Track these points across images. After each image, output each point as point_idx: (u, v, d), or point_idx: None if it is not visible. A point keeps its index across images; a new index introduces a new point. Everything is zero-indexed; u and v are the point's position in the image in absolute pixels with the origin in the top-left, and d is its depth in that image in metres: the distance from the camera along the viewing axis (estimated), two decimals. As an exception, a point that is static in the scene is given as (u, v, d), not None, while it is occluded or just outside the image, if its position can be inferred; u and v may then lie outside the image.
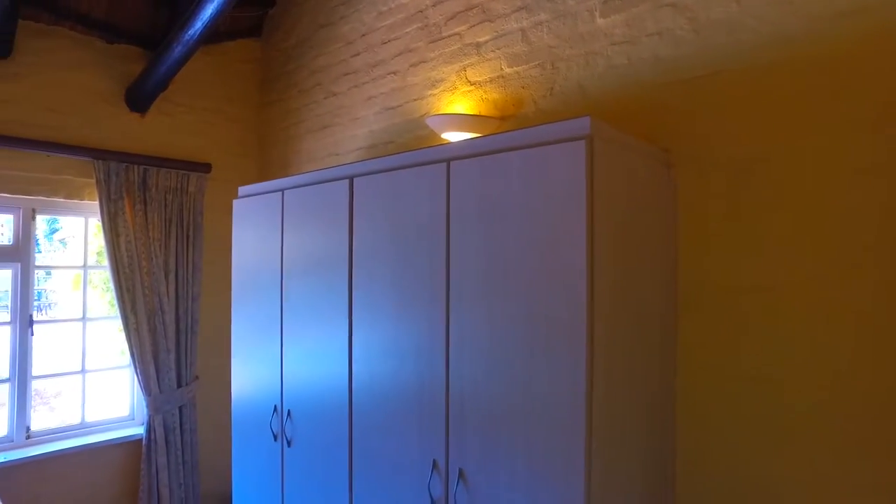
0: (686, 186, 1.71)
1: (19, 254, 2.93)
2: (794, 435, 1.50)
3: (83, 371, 3.19)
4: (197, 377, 3.32)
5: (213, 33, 2.76)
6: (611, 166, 1.41)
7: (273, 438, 2.31)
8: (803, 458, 1.48)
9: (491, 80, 2.30)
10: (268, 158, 3.58)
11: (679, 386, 1.70)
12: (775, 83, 1.55)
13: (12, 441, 2.88)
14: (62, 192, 2.96)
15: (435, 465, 1.65)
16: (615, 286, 1.43)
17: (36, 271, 3.04)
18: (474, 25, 2.37)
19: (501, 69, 2.26)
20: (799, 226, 1.50)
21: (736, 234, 1.61)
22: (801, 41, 1.51)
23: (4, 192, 2.80)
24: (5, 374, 2.92)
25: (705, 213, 1.67)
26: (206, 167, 3.33)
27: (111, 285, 3.03)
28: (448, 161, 1.63)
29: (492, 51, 2.30)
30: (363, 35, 2.89)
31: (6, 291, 2.90)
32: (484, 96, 2.32)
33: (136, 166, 3.07)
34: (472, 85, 2.37)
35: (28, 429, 2.93)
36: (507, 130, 1.58)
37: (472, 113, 2.29)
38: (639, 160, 1.59)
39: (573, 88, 2.03)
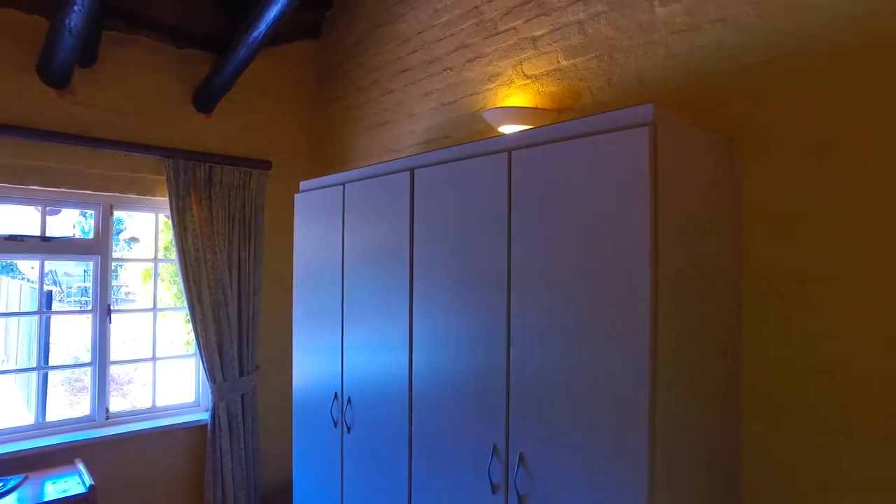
0: (751, 175, 1.68)
1: (99, 247, 3.13)
2: (863, 431, 1.45)
3: (154, 358, 3.37)
4: (258, 367, 3.45)
5: (274, 36, 2.87)
6: (674, 153, 1.41)
7: (333, 425, 2.39)
8: (871, 455, 1.44)
9: (547, 74, 2.31)
10: (325, 155, 3.69)
11: (744, 377, 1.67)
12: (849, 65, 1.51)
13: (94, 420, 3.08)
14: (136, 189, 3.14)
15: (495, 450, 1.68)
16: (679, 273, 1.42)
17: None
18: (530, 19, 2.39)
19: (558, 62, 2.27)
20: (870, 213, 1.46)
21: (803, 222, 1.57)
22: (881, 15, 1.46)
23: (87, 189, 2.99)
24: (87, 359, 3.13)
25: (771, 202, 1.64)
26: (266, 164, 3.46)
27: (179, 278, 3.20)
28: (509, 151, 1.66)
29: (548, 44, 2.31)
30: (419, 33, 2.95)
31: (77, 284, 3.10)
32: (540, 89, 2.33)
33: (202, 164, 3.23)
34: (528, 79, 2.39)
35: (107, 410, 3.13)
36: (567, 120, 1.60)
37: (528, 106, 2.31)
38: (702, 148, 1.58)
39: (631, 79, 2.02)
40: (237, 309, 3.33)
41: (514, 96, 2.42)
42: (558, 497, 1.50)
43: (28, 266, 7.68)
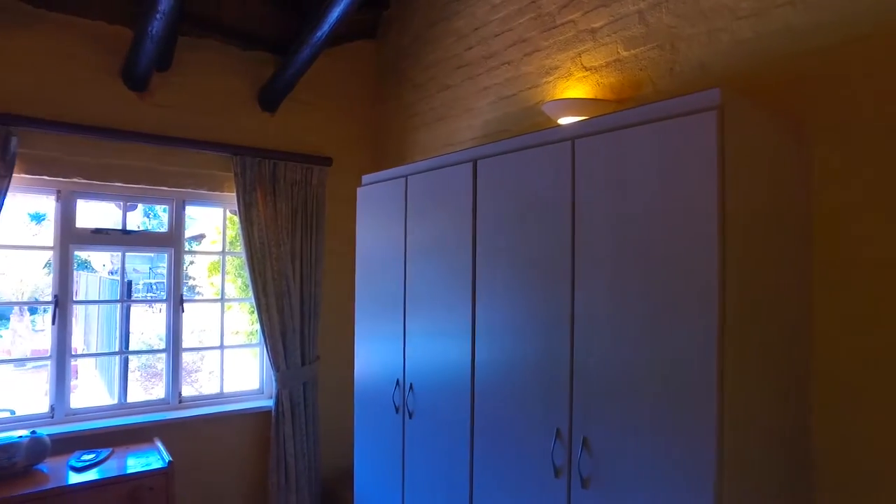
0: (824, 159, 1.65)
1: (173, 240, 3.31)
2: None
3: (221, 346, 3.54)
4: (318, 357, 3.58)
5: (335, 36, 2.98)
6: (742, 138, 1.41)
7: (395, 411, 2.46)
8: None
9: (607, 65, 2.32)
10: (384, 151, 3.79)
11: (816, 364, 1.65)
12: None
13: (168, 403, 3.27)
14: (206, 184, 3.31)
15: (558, 433, 1.71)
16: (746, 258, 1.42)
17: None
18: (589, 12, 2.40)
19: (618, 53, 2.27)
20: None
21: (880, 206, 1.54)
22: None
23: (163, 186, 3.18)
24: (162, 345, 3.32)
25: (845, 186, 1.60)
26: (327, 161, 3.59)
27: (245, 269, 3.35)
28: (573, 139, 1.69)
29: (607, 35, 2.32)
30: (476, 29, 3.00)
31: (143, 280, 3.30)
32: (600, 81, 2.34)
33: (267, 161, 3.37)
34: (587, 70, 2.40)
35: (180, 394, 3.32)
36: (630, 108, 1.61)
37: (588, 97, 2.33)
38: (771, 133, 1.57)
39: (694, 67, 2.01)
40: (300, 300, 3.46)
41: (573, 88, 2.43)
42: (623, 480, 1.52)
43: (100, 264, 8.17)
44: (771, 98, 1.76)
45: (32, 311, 7.46)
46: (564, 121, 2.29)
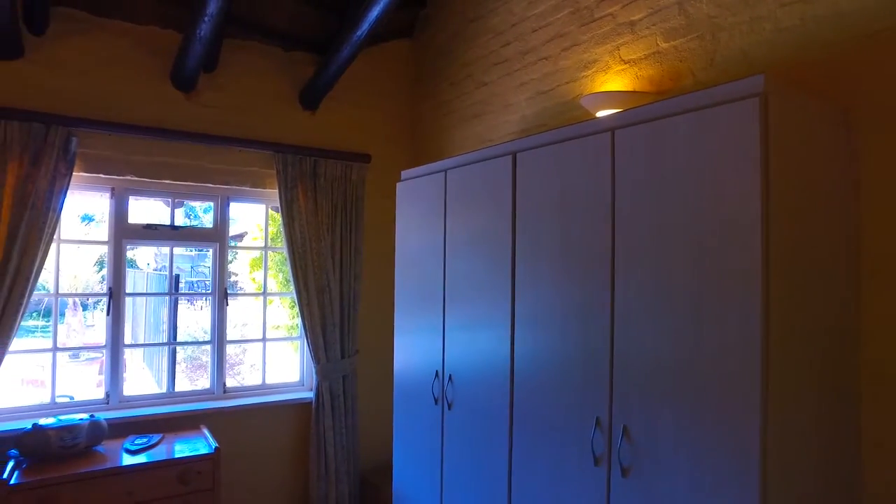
0: (871, 147, 1.62)
1: (217, 235, 3.43)
2: None
3: (264, 339, 3.65)
4: (357, 351, 3.65)
5: (373, 36, 3.04)
6: (786, 126, 1.40)
7: (434, 402, 2.50)
8: None
9: (646, 57, 2.31)
10: (421, 148, 3.84)
11: (863, 359, 1.62)
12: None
13: (213, 393, 3.39)
14: (250, 181, 3.42)
15: (598, 422, 1.72)
16: (791, 248, 1.41)
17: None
18: (627, 4, 2.39)
19: (657, 45, 2.26)
20: None
21: (932, 195, 1.50)
22: None
23: (209, 183, 3.30)
24: (207, 337, 3.44)
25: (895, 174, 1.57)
26: (366, 158, 3.66)
27: (287, 264, 3.45)
28: (612, 130, 1.70)
29: (646, 27, 2.31)
30: (513, 25, 3.02)
31: (185, 279, 3.42)
32: (639, 73, 2.34)
33: (307, 158, 3.46)
34: (625, 63, 2.39)
35: (224, 385, 3.43)
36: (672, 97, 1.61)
37: (627, 90, 2.32)
38: (817, 120, 1.55)
39: (736, 57, 1.99)
40: (339, 294, 3.54)
41: (612, 82, 2.43)
42: (663, 469, 1.53)
43: (144, 262, 8.47)
44: (817, 85, 1.73)
45: (84, 308, 7.81)
46: (603, 114, 2.29)
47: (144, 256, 8.40)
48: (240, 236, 7.19)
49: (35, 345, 4.83)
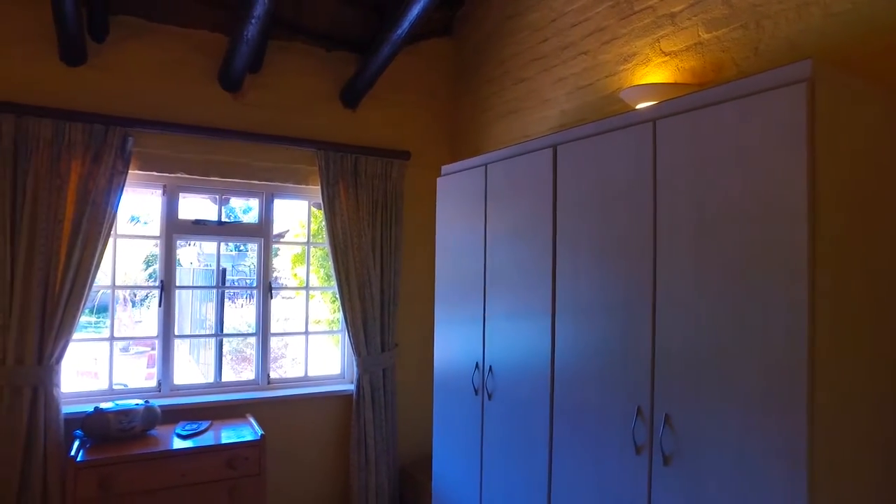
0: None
1: (262, 231, 3.55)
2: None
3: (306, 332, 3.75)
4: (396, 345, 3.72)
5: (413, 35, 3.09)
6: (835, 111, 1.38)
7: (474, 392, 2.54)
8: None
9: (687, 49, 2.30)
10: (460, 145, 3.89)
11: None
12: None
13: (258, 384, 3.50)
14: (293, 178, 3.52)
15: (639, 411, 1.73)
16: (838, 235, 1.39)
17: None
18: (668, -4, 2.38)
19: (699, 35, 2.25)
20: None
21: None
22: None
23: (254, 180, 3.42)
24: (252, 330, 3.56)
25: (949, 161, 1.53)
26: (405, 155, 3.72)
27: (329, 259, 3.54)
28: (654, 120, 1.71)
29: (688, 19, 2.30)
30: (552, 21, 3.04)
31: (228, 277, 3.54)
32: (680, 65, 2.33)
33: (348, 155, 3.54)
34: (666, 55, 2.39)
35: (269, 376, 3.54)
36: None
37: (668, 82, 2.32)
38: (868, 105, 1.52)
39: (782, 45, 1.96)
40: (380, 289, 3.61)
41: (652, 74, 2.43)
42: (706, 456, 1.53)
43: (187, 261, 8.75)
44: (870, 72, 1.70)
45: (133, 305, 8.12)
46: (643, 107, 2.29)
47: (188, 256, 8.68)
48: (281, 234, 7.39)
49: (88, 342, 5.07)
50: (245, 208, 3.16)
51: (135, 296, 8.23)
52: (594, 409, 1.89)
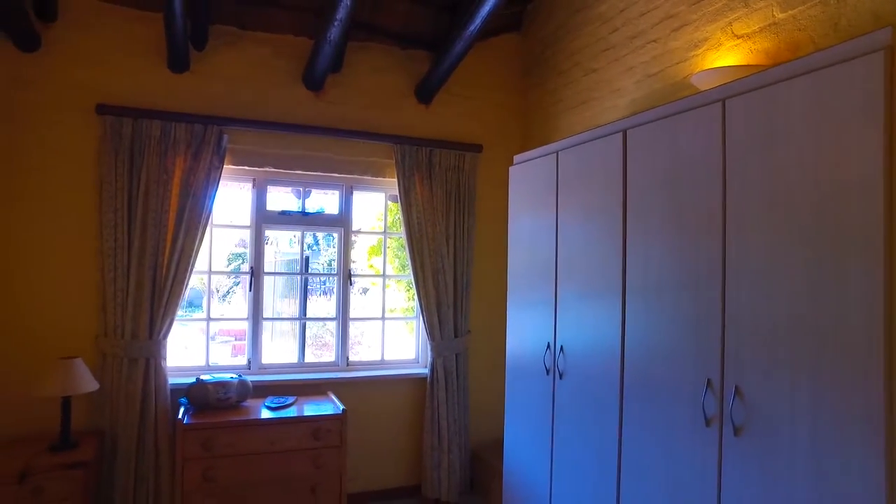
0: None
1: (342, 221, 3.77)
2: None
3: (383, 318, 3.94)
4: (469, 331, 3.84)
5: (484, 31, 3.20)
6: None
7: (546, 372, 2.62)
8: None
9: (760, 30, 2.29)
10: (530, 137, 3.97)
11: None
12: None
13: (338, 365, 3.73)
14: (371, 171, 3.72)
15: (709, 383, 1.76)
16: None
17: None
18: (742, -21, 2.37)
19: (773, 16, 2.23)
20: None
21: None
22: None
23: (335, 173, 3.65)
24: (332, 314, 3.80)
25: None
26: (478, 147, 3.85)
27: (405, 248, 3.71)
28: (723, 100, 1.74)
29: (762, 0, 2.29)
30: (621, 11, 3.07)
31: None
32: (752, 48, 2.32)
33: (423, 148, 3.70)
34: (738, 38, 2.38)
35: (347, 358, 3.76)
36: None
37: (740, 64, 2.31)
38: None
39: (866, 18, 1.92)
40: (453, 277, 3.75)
41: (724, 58, 2.42)
42: (778, 427, 1.55)
43: (269, 255, 9.21)
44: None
45: (222, 298, 8.71)
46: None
47: (267, 251, 9.15)
48: (356, 232, 7.69)
49: (181, 330, 5.50)
50: (319, 209, 3.38)
51: (217, 291, 8.79)
52: (664, 383, 1.94)
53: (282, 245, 7.02)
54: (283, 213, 3.66)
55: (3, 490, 2.42)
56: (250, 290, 3.57)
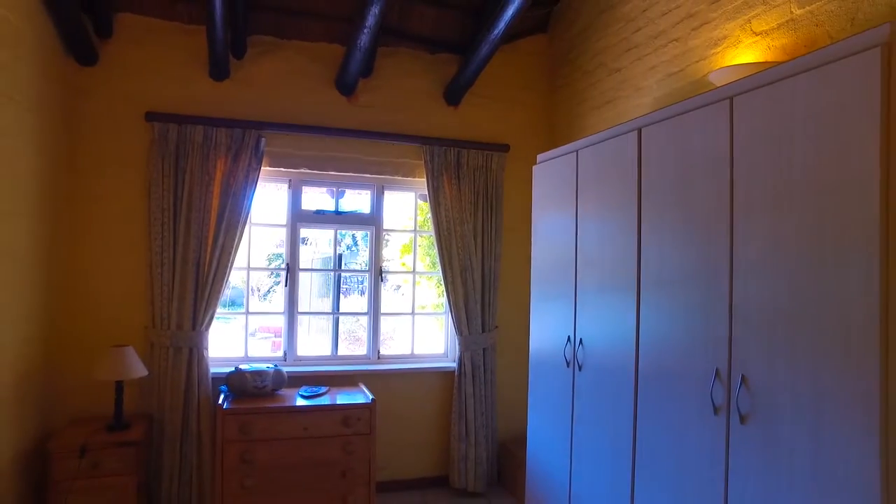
0: None
1: (374, 220, 3.92)
2: None
3: (413, 313, 4.07)
4: (496, 327, 3.93)
5: (510, 34, 3.29)
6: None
7: (566, 364, 2.69)
8: None
9: (779, 27, 2.31)
10: (556, 136, 4.04)
11: None
12: None
13: (369, 358, 3.88)
14: (401, 172, 3.86)
15: (717, 373, 1.81)
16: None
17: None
18: (760, -23, 2.40)
19: (791, 12, 2.26)
20: None
21: None
22: None
23: (366, 174, 3.80)
24: (364, 309, 3.95)
25: None
26: (505, 147, 3.94)
27: (435, 246, 3.83)
28: (731, 98, 1.79)
29: (780, -3, 2.31)
30: (643, 11, 3.11)
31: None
32: (771, 44, 2.34)
33: (451, 149, 3.82)
34: (756, 35, 2.41)
35: (378, 352, 3.90)
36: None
37: (757, 61, 2.34)
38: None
39: (883, 12, 1.93)
40: (480, 274, 3.85)
41: (742, 55, 2.45)
42: (782, 415, 1.59)
43: (308, 255, 9.47)
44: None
45: (262, 298, 9.03)
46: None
47: (303, 251, 9.42)
48: (387, 230, 7.87)
49: (223, 327, 5.78)
50: (354, 209, 3.55)
51: (259, 290, 9.10)
52: (675, 373, 1.99)
53: (321, 245, 7.23)
54: (318, 212, 3.83)
55: (67, 462, 2.72)
56: (286, 286, 3.75)
